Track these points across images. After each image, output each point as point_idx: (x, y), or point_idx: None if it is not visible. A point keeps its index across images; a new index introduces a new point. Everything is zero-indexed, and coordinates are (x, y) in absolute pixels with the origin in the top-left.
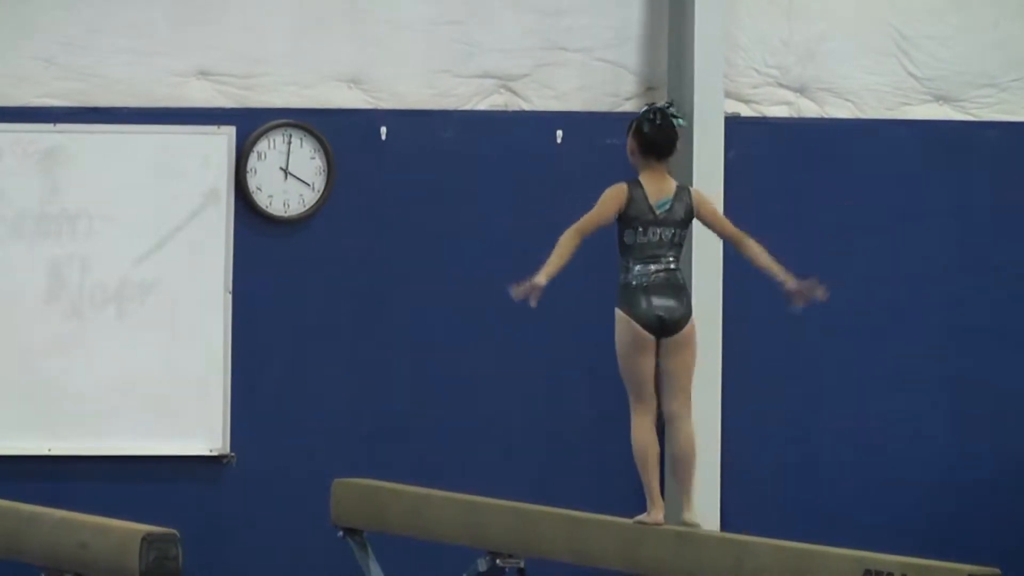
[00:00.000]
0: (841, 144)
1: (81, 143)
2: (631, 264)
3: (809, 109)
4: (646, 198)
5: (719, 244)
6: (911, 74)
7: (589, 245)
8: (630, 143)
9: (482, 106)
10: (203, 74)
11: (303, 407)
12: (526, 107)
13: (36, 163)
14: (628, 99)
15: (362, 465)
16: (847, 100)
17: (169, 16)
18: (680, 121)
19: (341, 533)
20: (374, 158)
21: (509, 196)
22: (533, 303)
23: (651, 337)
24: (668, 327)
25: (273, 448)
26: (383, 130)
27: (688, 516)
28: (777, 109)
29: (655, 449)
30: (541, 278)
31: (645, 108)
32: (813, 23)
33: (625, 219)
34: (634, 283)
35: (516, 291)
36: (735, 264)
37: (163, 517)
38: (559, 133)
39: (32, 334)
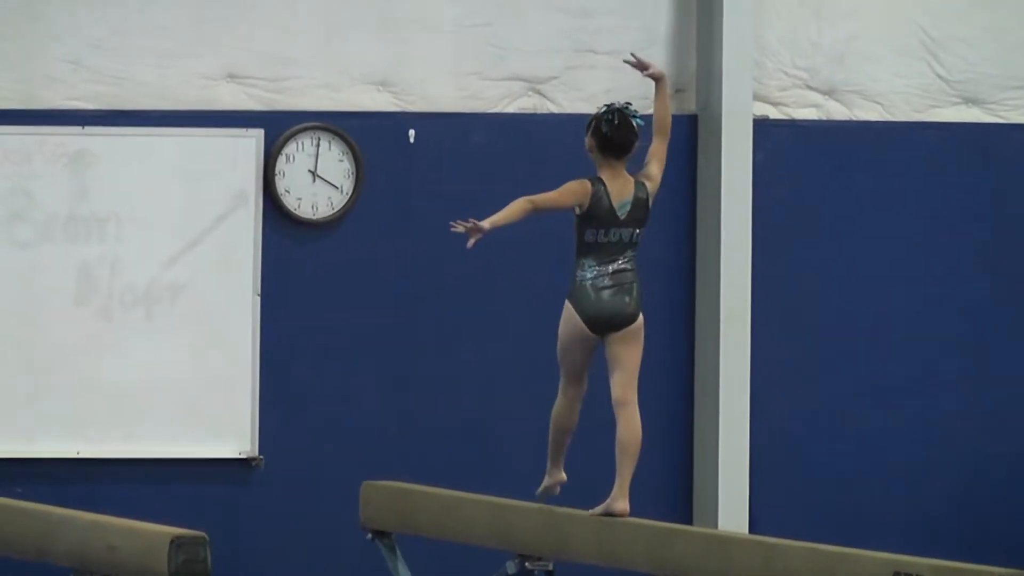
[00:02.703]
0: (869, 146)
1: (110, 146)
2: (588, 263)
3: (837, 111)
4: (609, 199)
5: (748, 244)
6: (940, 76)
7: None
8: (588, 142)
9: (511, 109)
10: (232, 77)
11: (331, 410)
12: (555, 109)
13: (65, 166)
14: None
15: (391, 467)
16: (875, 102)
17: (198, 19)
18: (639, 121)
19: (370, 535)
20: (402, 161)
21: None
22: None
23: (594, 336)
24: (614, 326)
25: (301, 451)
26: (411, 133)
27: (617, 505)
28: (805, 111)
29: (570, 426)
30: (486, 223)
31: (604, 108)
32: (842, 25)
33: (587, 218)
34: (588, 283)
35: (458, 225)
36: (764, 265)
37: (192, 520)
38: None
39: (61, 336)
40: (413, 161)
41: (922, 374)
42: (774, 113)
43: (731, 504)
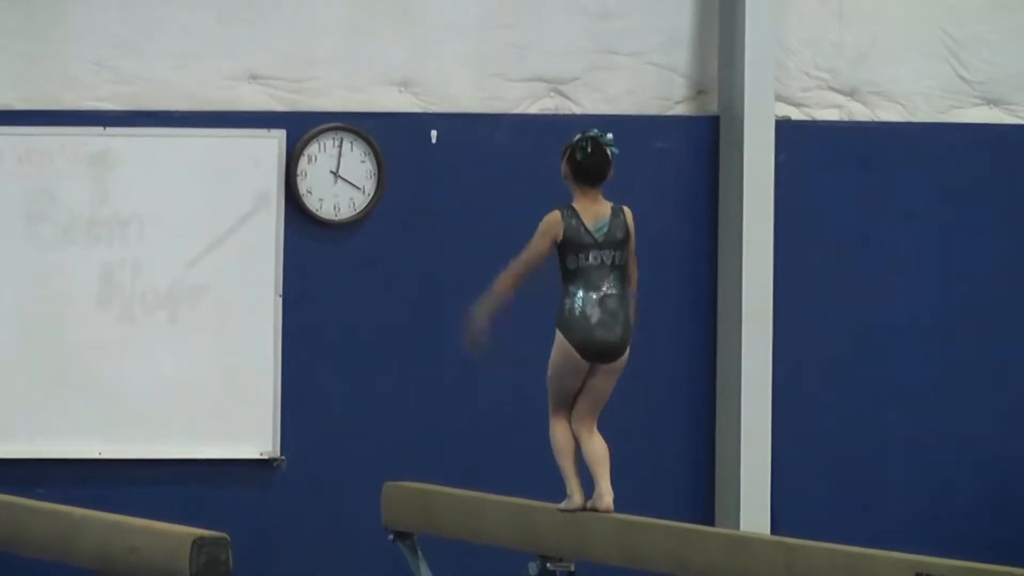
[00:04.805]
0: (891, 147)
1: (132, 147)
2: (574, 290)
3: (859, 112)
4: (582, 223)
5: (770, 245)
6: (961, 77)
7: (644, 265)
8: (564, 169)
9: (533, 109)
10: (254, 77)
11: (353, 410)
12: (576, 110)
13: (87, 167)
14: (678, 103)
15: (413, 468)
16: (897, 103)
17: (220, 19)
18: (613, 149)
19: (391, 536)
20: (424, 161)
21: (559, 199)
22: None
23: (586, 364)
24: (606, 357)
25: (323, 451)
26: (433, 133)
27: (608, 501)
28: (827, 112)
29: (572, 446)
30: (479, 323)
31: (578, 136)
32: (863, 26)
33: (565, 246)
34: (577, 311)
35: (470, 332)
36: (786, 265)
37: (213, 521)
38: (609, 136)
39: (83, 338)
40: (435, 162)
41: (943, 375)
42: (796, 114)
43: (753, 504)
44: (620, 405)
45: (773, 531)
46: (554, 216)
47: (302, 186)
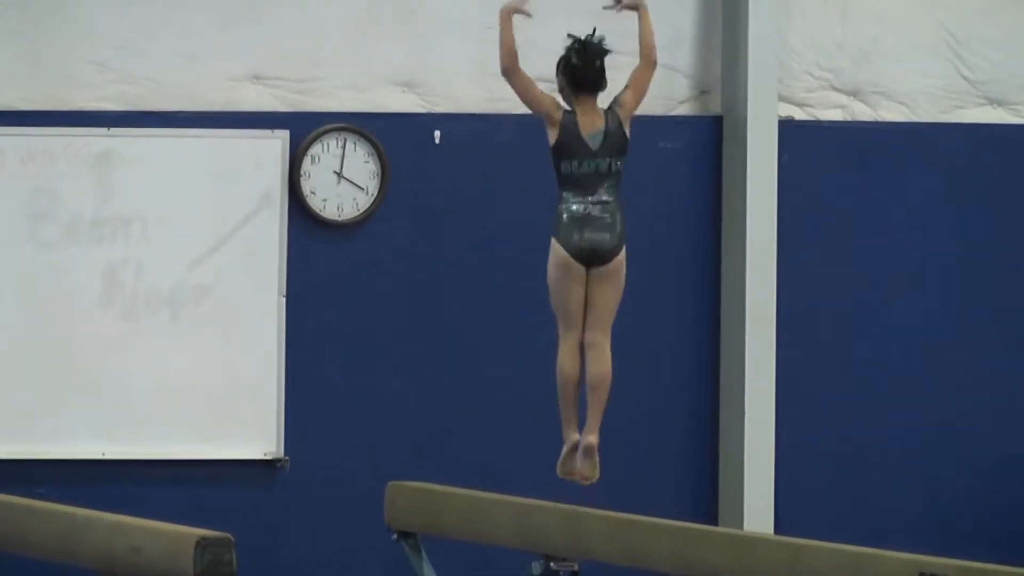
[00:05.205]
0: (894, 147)
1: (135, 147)
2: (568, 196)
3: (863, 112)
4: (578, 130)
5: (773, 245)
6: (964, 77)
7: (647, 265)
8: (559, 80)
9: None
10: (257, 78)
11: (357, 410)
12: None
13: (90, 167)
14: (682, 103)
15: (416, 468)
16: (900, 103)
17: (223, 20)
18: (607, 48)
19: (395, 536)
20: (428, 161)
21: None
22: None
23: (580, 267)
24: (598, 258)
25: (327, 452)
26: (437, 133)
27: (589, 438)
28: (831, 112)
29: (577, 378)
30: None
31: (570, 42)
32: (866, 26)
33: (559, 149)
34: (569, 215)
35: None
36: (789, 265)
37: (217, 521)
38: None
39: (86, 338)
40: (438, 162)
41: (947, 374)
42: (799, 114)
43: (756, 504)
44: (623, 404)
45: (776, 531)
46: (553, 98)
47: (305, 186)
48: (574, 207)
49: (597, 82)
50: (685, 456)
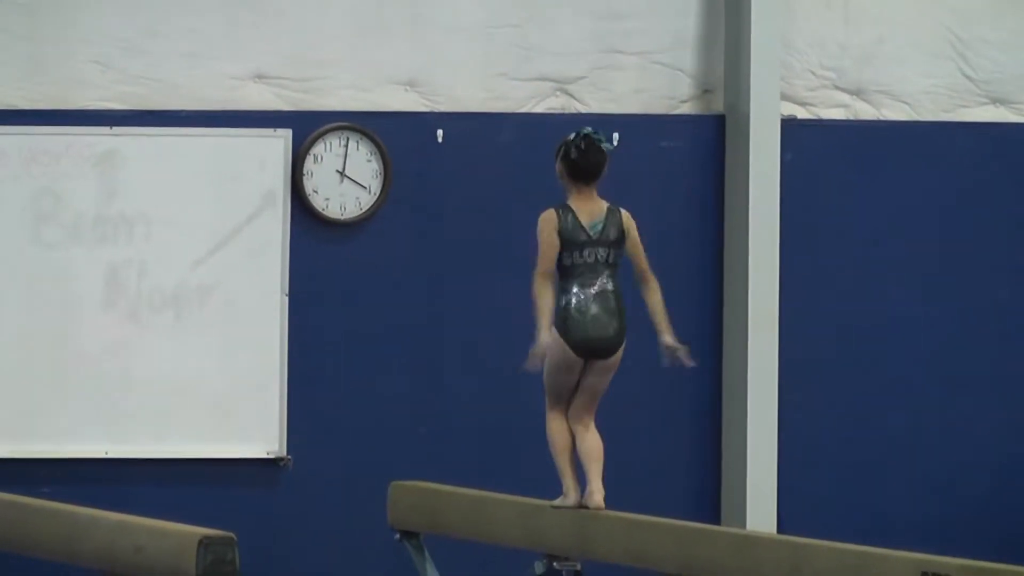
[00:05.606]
0: (897, 146)
1: (138, 146)
2: (570, 286)
3: (865, 112)
4: (578, 220)
5: (776, 244)
6: (967, 76)
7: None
8: (558, 167)
9: (539, 109)
10: (260, 77)
11: (360, 410)
12: (583, 110)
13: (93, 166)
14: (684, 102)
15: (419, 467)
16: (903, 102)
17: (226, 20)
18: (606, 145)
19: (398, 536)
20: (430, 161)
21: (563, 198)
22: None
23: (581, 361)
24: (599, 355)
25: (330, 451)
26: (439, 133)
27: (597, 497)
28: (833, 112)
29: (568, 443)
30: (544, 336)
31: (572, 135)
32: (869, 26)
33: (560, 244)
34: (572, 307)
35: (532, 363)
36: (792, 265)
37: (220, 520)
38: (616, 136)
39: (90, 337)
40: (441, 161)
41: (950, 375)
42: (802, 113)
43: (759, 504)
44: (626, 405)
45: (779, 530)
46: (548, 213)
47: (308, 185)
48: (576, 300)
49: (596, 173)
50: (688, 456)
